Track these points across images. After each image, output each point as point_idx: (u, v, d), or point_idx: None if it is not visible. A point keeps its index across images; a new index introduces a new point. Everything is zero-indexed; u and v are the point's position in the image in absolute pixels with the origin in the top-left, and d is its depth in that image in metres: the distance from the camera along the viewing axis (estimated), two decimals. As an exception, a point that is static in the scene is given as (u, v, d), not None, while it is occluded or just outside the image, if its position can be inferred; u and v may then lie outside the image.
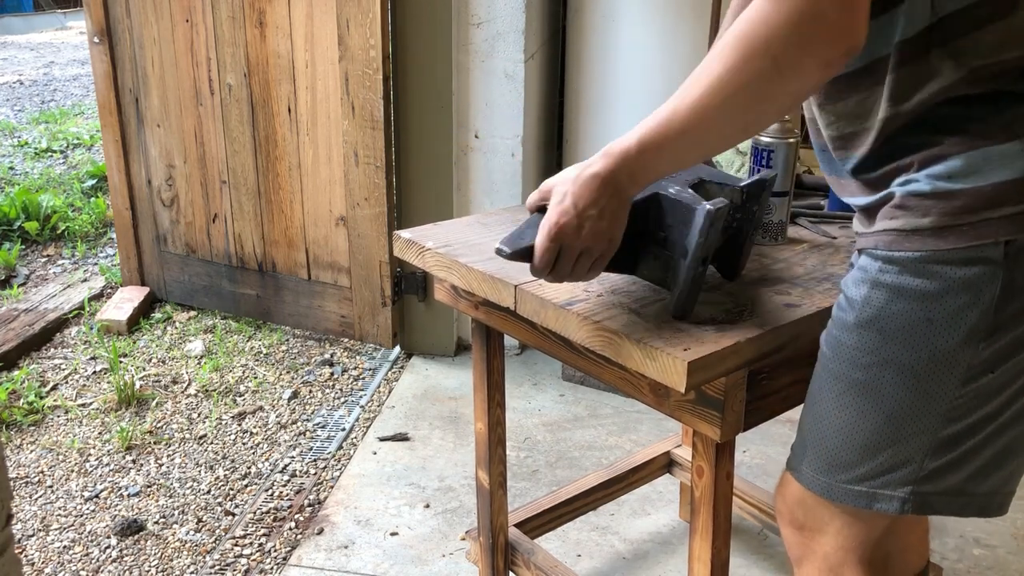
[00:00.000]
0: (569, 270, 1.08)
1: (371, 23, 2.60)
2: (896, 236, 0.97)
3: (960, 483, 1.03)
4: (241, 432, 2.55)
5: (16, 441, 2.50)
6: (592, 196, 1.03)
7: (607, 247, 1.07)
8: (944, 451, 1.01)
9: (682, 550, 2.06)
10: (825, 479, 1.08)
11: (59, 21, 11.90)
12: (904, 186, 0.97)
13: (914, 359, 0.98)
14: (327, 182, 2.83)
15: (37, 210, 4.05)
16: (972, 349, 0.96)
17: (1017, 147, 0.92)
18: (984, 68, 0.93)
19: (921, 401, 0.99)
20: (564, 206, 1.05)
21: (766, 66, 0.91)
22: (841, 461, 1.06)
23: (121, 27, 3.00)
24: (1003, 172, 0.91)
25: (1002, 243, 0.91)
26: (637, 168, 1.03)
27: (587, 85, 2.78)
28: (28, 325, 3.12)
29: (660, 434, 2.51)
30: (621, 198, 1.04)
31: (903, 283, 0.96)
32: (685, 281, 1.10)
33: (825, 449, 1.07)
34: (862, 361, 1.01)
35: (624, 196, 1.05)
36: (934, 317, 0.95)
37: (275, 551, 2.07)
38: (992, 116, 0.93)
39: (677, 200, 1.11)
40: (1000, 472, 1.04)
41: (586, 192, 1.04)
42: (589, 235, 1.05)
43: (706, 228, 1.06)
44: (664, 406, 1.18)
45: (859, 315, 1.00)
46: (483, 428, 1.61)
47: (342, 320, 2.98)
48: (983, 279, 0.93)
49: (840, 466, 1.06)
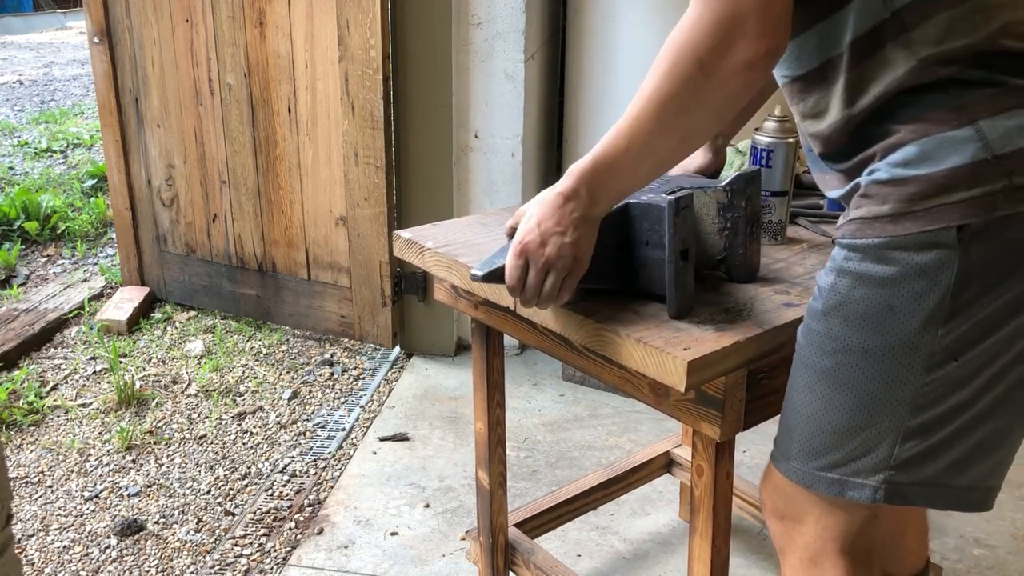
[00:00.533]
0: (536, 289, 1.10)
1: (371, 23, 2.60)
2: (860, 224, 0.99)
3: (936, 474, 1.03)
4: (241, 432, 2.55)
5: (16, 441, 2.50)
6: (553, 213, 1.08)
7: (573, 264, 1.10)
8: (914, 440, 1.01)
9: (682, 550, 2.06)
10: (799, 466, 1.09)
11: (59, 21, 11.90)
12: (869, 175, 0.99)
13: (876, 345, 0.99)
14: (327, 182, 2.83)
15: (37, 210, 4.05)
16: (931, 335, 0.96)
17: (968, 132, 0.93)
18: (934, 57, 0.95)
19: (886, 388, 1.00)
20: (529, 225, 1.09)
21: (693, 71, 0.97)
22: (814, 448, 1.07)
23: (121, 27, 3.00)
24: (955, 158, 0.93)
25: (954, 228, 0.93)
26: (595, 185, 1.07)
27: (587, 85, 2.78)
28: (28, 325, 3.12)
29: (660, 434, 2.51)
30: (585, 215, 1.08)
31: (864, 270, 0.98)
32: (669, 278, 1.12)
33: (800, 437, 1.09)
34: (828, 347, 1.03)
35: (587, 213, 1.08)
36: (894, 303, 0.97)
37: (275, 551, 2.07)
38: (943, 103, 0.95)
39: (648, 204, 1.14)
40: (979, 466, 1.04)
41: (548, 209, 1.08)
42: (553, 250, 1.08)
43: (673, 218, 1.09)
44: (664, 406, 1.18)
45: (825, 302, 1.02)
46: (483, 428, 1.61)
47: (342, 320, 2.98)
48: (939, 264, 0.94)
49: (813, 453, 1.07)
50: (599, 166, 1.06)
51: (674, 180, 1.30)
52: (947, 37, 0.94)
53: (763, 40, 0.94)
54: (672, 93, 0.99)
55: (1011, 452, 1.06)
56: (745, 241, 1.23)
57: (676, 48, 0.98)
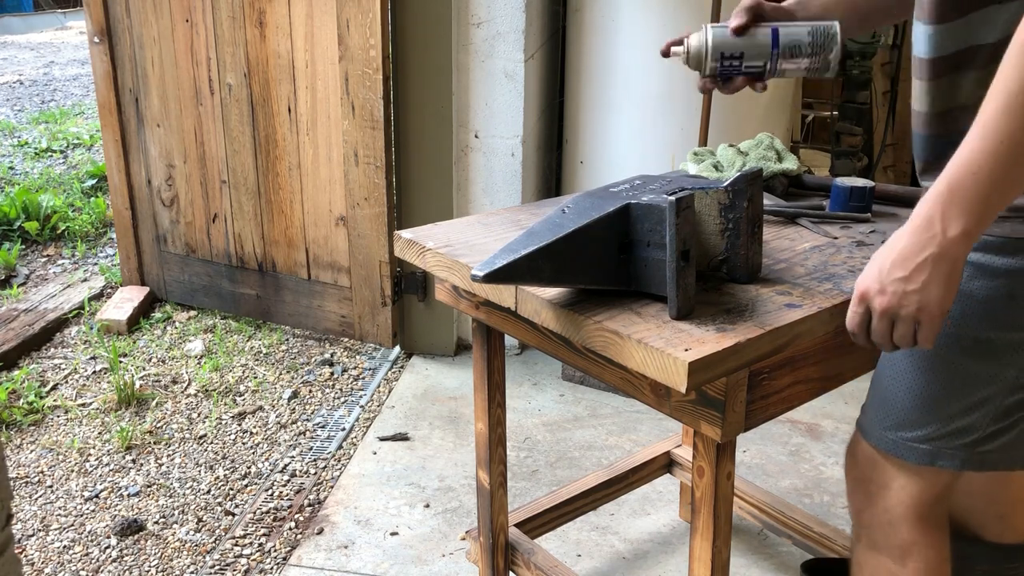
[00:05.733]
0: (886, 337, 1.03)
1: (371, 23, 2.60)
2: None
3: (1014, 438, 1.11)
4: (241, 432, 2.55)
5: (16, 441, 2.50)
6: (899, 253, 1.00)
7: (919, 315, 1.00)
8: (1006, 416, 1.09)
9: (682, 550, 2.06)
10: (893, 436, 1.15)
11: (59, 21, 11.89)
12: None
13: (993, 330, 1.04)
14: (327, 182, 2.83)
15: (37, 210, 4.05)
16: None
17: None
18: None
19: (993, 370, 1.06)
20: (871, 268, 1.03)
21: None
22: (910, 421, 1.13)
23: (121, 27, 3.00)
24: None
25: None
26: (956, 209, 0.95)
27: (587, 85, 2.78)
28: (28, 325, 3.12)
29: (660, 434, 2.51)
30: (940, 251, 0.97)
31: (987, 261, 1.03)
32: (670, 279, 1.12)
33: (896, 409, 1.15)
34: (944, 330, 1.08)
35: (944, 249, 0.96)
36: (1016, 292, 1.02)
37: (275, 551, 2.07)
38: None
39: (649, 205, 1.15)
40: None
41: (893, 251, 1.00)
42: (895, 300, 1.00)
43: (674, 219, 1.09)
44: (665, 406, 1.18)
45: None
46: (483, 428, 1.61)
47: (342, 320, 2.98)
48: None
49: (908, 425, 1.14)
50: (961, 181, 0.92)
51: (675, 180, 1.30)
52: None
53: None
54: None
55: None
56: (747, 242, 1.23)
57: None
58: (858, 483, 1.25)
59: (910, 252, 0.95)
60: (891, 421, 1.16)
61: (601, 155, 2.79)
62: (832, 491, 2.28)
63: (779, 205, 1.53)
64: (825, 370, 1.27)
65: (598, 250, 1.13)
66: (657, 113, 2.66)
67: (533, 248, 1.10)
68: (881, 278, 0.98)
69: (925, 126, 1.12)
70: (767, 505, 1.91)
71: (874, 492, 1.22)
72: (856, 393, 2.59)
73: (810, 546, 1.85)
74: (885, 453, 1.18)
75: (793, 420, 2.58)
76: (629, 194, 1.24)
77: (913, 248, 0.95)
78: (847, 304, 1.19)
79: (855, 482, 1.26)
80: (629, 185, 1.31)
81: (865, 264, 1.31)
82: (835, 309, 1.18)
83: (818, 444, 2.48)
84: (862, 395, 1.29)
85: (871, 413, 1.21)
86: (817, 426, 2.55)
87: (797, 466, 2.38)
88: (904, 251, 0.96)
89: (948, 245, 0.93)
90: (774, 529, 1.92)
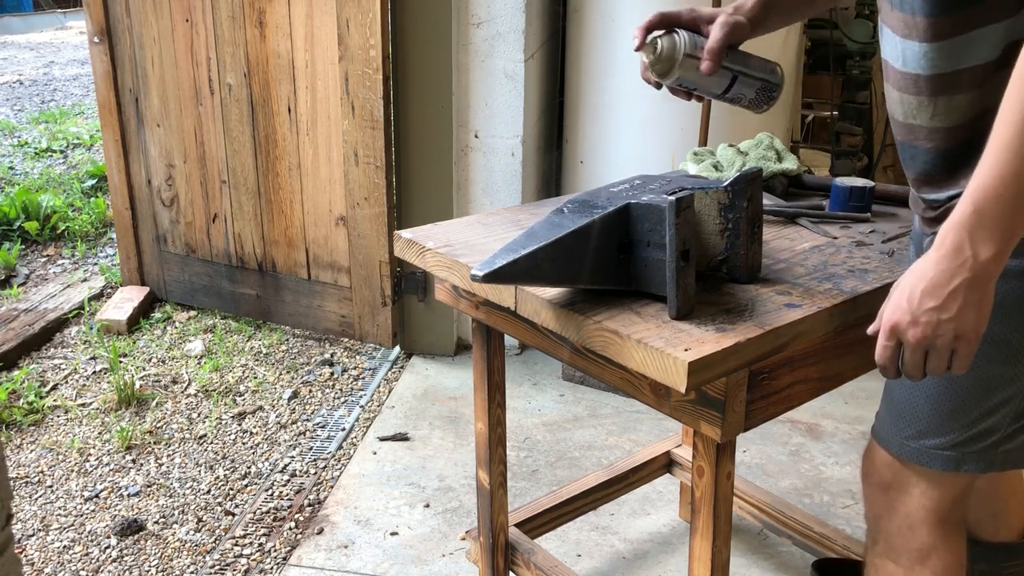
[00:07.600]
0: (919, 368, 1.02)
1: (371, 23, 2.60)
2: None
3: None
4: (241, 432, 2.55)
5: (16, 441, 2.50)
6: (928, 281, 0.99)
7: (955, 344, 1.00)
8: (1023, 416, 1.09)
9: (682, 550, 2.06)
10: (914, 444, 1.15)
11: (59, 21, 11.89)
12: None
13: (1011, 333, 1.04)
14: (327, 182, 2.83)
15: (37, 210, 4.05)
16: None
17: None
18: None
19: (1012, 372, 1.06)
20: (899, 299, 1.01)
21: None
22: (932, 428, 1.13)
23: (121, 27, 3.00)
24: None
25: None
26: (984, 232, 0.94)
27: (587, 85, 2.78)
28: (28, 325, 3.12)
29: (660, 434, 2.51)
30: (973, 276, 0.97)
31: (1010, 267, 1.00)
32: (670, 279, 1.12)
33: (917, 418, 1.14)
34: None
35: (977, 274, 0.96)
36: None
37: (275, 551, 2.07)
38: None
39: (649, 204, 1.15)
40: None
41: (922, 279, 0.99)
42: (928, 331, 0.99)
43: (674, 219, 1.09)
44: (664, 406, 1.18)
45: None
46: (483, 428, 1.61)
47: (342, 320, 2.98)
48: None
49: (931, 433, 1.13)
50: (987, 205, 0.91)
51: (675, 180, 1.30)
52: None
53: None
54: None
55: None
56: (746, 242, 1.23)
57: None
58: (877, 490, 1.25)
59: (941, 280, 0.94)
60: (913, 430, 1.16)
61: (601, 155, 2.79)
62: (832, 491, 2.28)
63: (779, 205, 1.53)
64: (825, 370, 1.27)
65: (598, 250, 1.13)
66: (657, 113, 2.66)
67: (533, 248, 1.10)
68: (912, 309, 0.97)
69: (926, 139, 1.12)
70: (767, 505, 1.91)
71: (894, 498, 1.22)
72: (856, 393, 2.60)
73: (810, 546, 1.85)
74: (907, 461, 1.18)
75: (793, 420, 2.58)
76: (629, 194, 1.24)
77: (944, 276, 0.94)
78: (847, 304, 1.20)
79: (874, 489, 1.26)
80: (629, 185, 1.31)
81: (865, 263, 1.32)
82: (835, 309, 1.18)
83: (818, 444, 2.48)
84: (862, 395, 1.29)
85: (888, 422, 1.20)
86: (817, 426, 2.55)
87: (797, 466, 2.38)
88: (935, 279, 0.95)
89: (980, 269, 0.93)
90: (774, 529, 1.92)
